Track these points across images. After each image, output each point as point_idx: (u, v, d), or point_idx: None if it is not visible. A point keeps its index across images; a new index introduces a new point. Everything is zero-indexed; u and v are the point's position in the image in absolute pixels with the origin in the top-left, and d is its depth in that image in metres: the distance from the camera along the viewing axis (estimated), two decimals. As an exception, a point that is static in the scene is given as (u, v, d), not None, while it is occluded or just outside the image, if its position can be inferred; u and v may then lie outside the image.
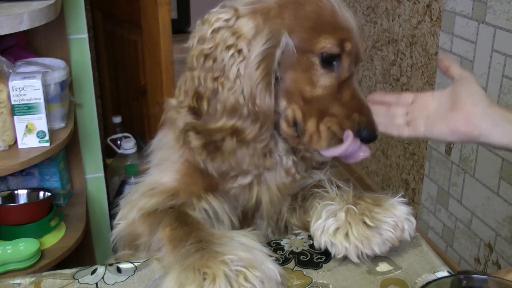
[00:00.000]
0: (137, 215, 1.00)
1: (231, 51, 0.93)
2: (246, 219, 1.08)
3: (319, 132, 0.95)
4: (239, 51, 0.93)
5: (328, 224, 0.90)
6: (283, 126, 0.98)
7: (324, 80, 0.96)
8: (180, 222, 0.92)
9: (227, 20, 0.95)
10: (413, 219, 0.92)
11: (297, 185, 1.07)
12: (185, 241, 0.85)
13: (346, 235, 0.89)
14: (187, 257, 0.81)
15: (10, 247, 1.76)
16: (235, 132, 0.95)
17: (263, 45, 0.93)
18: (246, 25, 0.94)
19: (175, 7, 6.63)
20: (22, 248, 1.76)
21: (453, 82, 1.05)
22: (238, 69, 0.93)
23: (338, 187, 0.98)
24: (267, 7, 0.95)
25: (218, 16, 0.96)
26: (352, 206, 0.91)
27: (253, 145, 0.96)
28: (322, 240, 0.90)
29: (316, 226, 0.91)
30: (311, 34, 0.94)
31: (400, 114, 1.08)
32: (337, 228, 0.89)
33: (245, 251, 0.82)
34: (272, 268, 0.81)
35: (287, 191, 1.06)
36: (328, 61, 0.96)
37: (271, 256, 0.84)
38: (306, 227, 1.03)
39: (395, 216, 0.90)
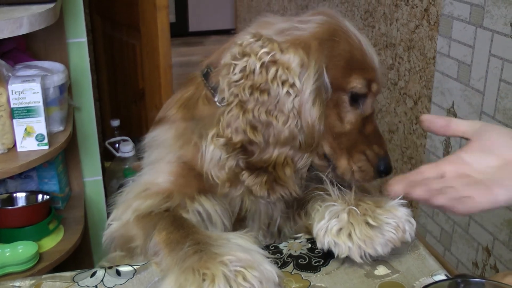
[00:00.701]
0: (132, 216, 1.00)
1: (286, 87, 0.96)
2: (237, 221, 1.08)
3: (353, 171, 1.02)
4: (292, 86, 0.96)
5: (331, 225, 0.91)
6: (315, 159, 1.03)
7: (351, 116, 1.02)
8: (176, 226, 0.92)
9: (273, 55, 0.96)
10: (413, 221, 0.93)
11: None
12: (182, 244, 0.86)
13: (349, 235, 0.89)
14: (185, 259, 0.82)
15: (8, 250, 1.76)
16: (287, 162, 0.99)
17: (315, 80, 0.97)
18: (294, 60, 0.96)
19: (173, 11, 6.64)
20: (21, 251, 1.76)
21: (471, 141, 0.94)
22: (293, 104, 0.96)
23: (339, 189, 0.99)
24: (307, 42, 0.98)
25: (263, 50, 0.96)
26: (354, 207, 0.92)
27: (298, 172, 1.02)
28: (325, 240, 0.91)
29: (319, 227, 0.92)
30: (344, 72, 0.99)
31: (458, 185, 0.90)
32: (340, 229, 0.90)
33: (243, 252, 0.82)
34: (269, 269, 0.81)
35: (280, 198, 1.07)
36: (355, 99, 1.01)
37: (268, 258, 0.84)
38: (300, 233, 1.04)
39: (396, 217, 0.91)
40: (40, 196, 1.95)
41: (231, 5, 6.55)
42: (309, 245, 0.97)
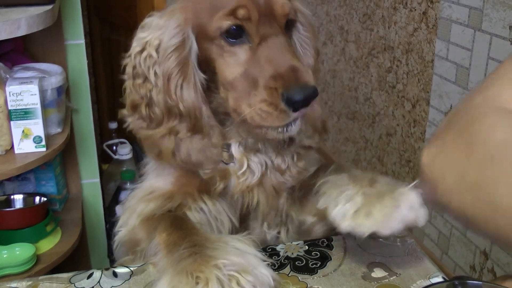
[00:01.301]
0: (137, 221, 1.00)
1: (143, 55, 0.96)
2: (244, 215, 1.08)
3: (261, 110, 0.91)
4: (150, 55, 0.95)
5: (347, 209, 0.88)
6: (234, 118, 0.97)
7: (238, 56, 0.94)
8: (176, 226, 0.92)
9: (142, 29, 0.99)
10: (425, 208, 0.89)
11: (295, 179, 1.08)
12: (180, 246, 0.86)
13: (367, 214, 0.86)
14: (180, 261, 0.82)
15: (6, 251, 1.76)
16: (172, 132, 0.97)
17: (170, 40, 0.94)
18: (155, 28, 0.96)
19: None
20: (18, 252, 1.76)
21: None
22: (155, 71, 0.95)
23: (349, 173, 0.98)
24: (172, 9, 0.98)
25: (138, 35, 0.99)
26: (368, 188, 0.89)
27: (196, 140, 0.97)
28: (344, 225, 0.87)
29: (335, 213, 0.89)
30: (208, 19, 0.94)
31: None
32: (357, 210, 0.87)
33: (239, 255, 0.82)
34: (265, 273, 0.81)
35: (283, 188, 1.07)
36: (233, 37, 0.94)
37: (265, 261, 0.84)
38: (308, 217, 1.04)
39: (410, 200, 0.88)
40: (37, 198, 1.94)
41: (229, 8, 6.56)
42: (306, 247, 0.97)
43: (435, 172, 0.88)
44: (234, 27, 0.93)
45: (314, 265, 0.92)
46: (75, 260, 2.05)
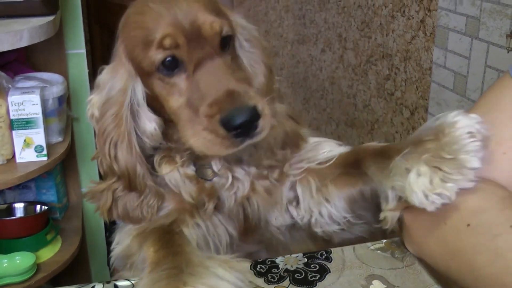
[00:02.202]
0: (130, 237, 1.01)
1: (89, 113, 1.01)
2: (245, 229, 1.08)
3: (204, 139, 0.90)
4: (92, 114, 0.99)
5: (421, 182, 0.85)
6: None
7: (178, 87, 0.93)
8: (163, 243, 0.92)
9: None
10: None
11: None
12: (161, 265, 0.86)
13: (442, 180, 0.83)
14: (156, 283, 0.82)
15: (6, 260, 1.77)
16: (110, 188, 1.00)
17: (108, 94, 0.98)
18: (101, 86, 1.00)
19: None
20: (18, 261, 1.77)
21: None
22: (95, 130, 0.99)
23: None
24: (115, 55, 0.99)
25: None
26: (426, 155, 0.86)
27: (132, 197, 1.00)
28: (428, 201, 0.84)
29: (416, 197, 0.85)
30: (143, 56, 0.93)
31: None
32: (432, 180, 0.84)
33: (213, 283, 0.82)
34: None
35: (276, 189, 1.07)
36: (170, 68, 0.92)
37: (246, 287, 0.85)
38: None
39: (462, 136, 0.85)
40: (38, 207, 1.96)
41: (228, 13, 6.58)
42: (305, 260, 0.98)
43: (419, 233, 0.90)
44: (167, 58, 0.91)
45: (313, 278, 0.93)
46: (75, 268, 2.06)
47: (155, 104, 0.97)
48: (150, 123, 0.98)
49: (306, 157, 1.09)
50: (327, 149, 1.10)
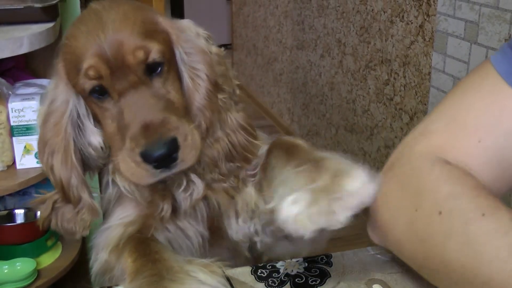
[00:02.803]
0: (106, 252, 0.99)
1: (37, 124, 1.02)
2: (213, 222, 1.07)
3: (126, 168, 0.91)
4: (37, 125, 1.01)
5: (290, 211, 0.84)
6: None
7: (109, 112, 0.94)
8: (140, 252, 0.91)
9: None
10: (375, 179, 0.86)
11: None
12: (141, 274, 0.85)
13: (308, 216, 0.83)
14: None
15: (7, 266, 1.77)
16: (49, 199, 1.02)
17: (49, 106, 0.98)
18: (47, 97, 1.00)
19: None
20: (19, 267, 1.77)
21: None
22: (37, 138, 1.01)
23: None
24: (55, 71, 0.98)
25: None
26: (311, 186, 0.85)
27: (68, 209, 1.01)
28: (289, 227, 0.84)
29: (280, 213, 0.85)
30: (76, 81, 0.93)
31: None
32: (299, 213, 0.84)
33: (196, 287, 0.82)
34: None
35: (234, 190, 1.05)
36: (99, 93, 0.93)
37: None
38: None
39: (355, 183, 0.85)
40: (38, 213, 1.95)
41: (227, 20, 6.59)
42: (306, 264, 0.98)
43: (385, 217, 0.89)
44: (95, 87, 0.92)
45: (313, 282, 0.93)
46: (75, 274, 2.06)
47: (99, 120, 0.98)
48: (94, 136, 0.98)
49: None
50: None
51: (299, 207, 0.84)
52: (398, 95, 2.84)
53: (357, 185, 0.84)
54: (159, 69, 0.93)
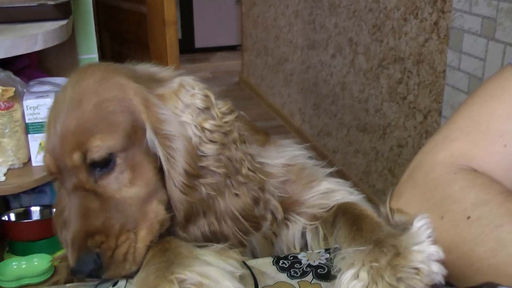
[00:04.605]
0: None
1: None
2: None
3: None
4: None
5: (351, 287, 0.81)
6: None
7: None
8: (154, 245, 0.90)
9: None
10: (440, 254, 0.82)
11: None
12: (151, 263, 0.85)
13: None
14: (145, 279, 0.81)
15: (24, 262, 1.79)
16: None
17: None
18: None
19: (179, 28, 6.69)
20: (36, 263, 1.79)
21: None
22: None
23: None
24: None
25: None
26: (374, 264, 0.82)
27: None
28: None
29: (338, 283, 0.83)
30: None
31: None
32: None
33: (203, 270, 0.80)
34: (229, 285, 0.78)
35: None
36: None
37: (236, 273, 0.82)
38: None
39: (417, 262, 0.81)
40: (54, 210, 1.96)
41: (237, 21, 6.61)
42: (328, 255, 0.97)
43: None
44: (54, 179, 0.93)
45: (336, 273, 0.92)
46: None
47: None
48: None
49: (317, 203, 1.06)
50: (339, 197, 1.06)
51: (362, 283, 0.81)
52: (412, 93, 2.82)
53: (423, 265, 0.80)
54: (110, 163, 0.87)
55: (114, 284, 0.89)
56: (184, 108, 0.92)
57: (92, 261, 0.84)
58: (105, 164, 0.87)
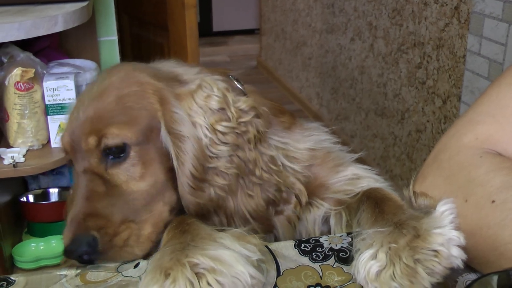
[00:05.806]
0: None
1: None
2: None
3: None
4: None
5: (369, 267, 0.82)
6: None
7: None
8: (174, 227, 0.89)
9: None
10: (461, 240, 0.80)
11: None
12: (168, 244, 0.84)
13: (392, 276, 0.80)
14: (161, 258, 0.80)
15: (42, 243, 1.81)
16: None
17: None
18: None
19: (197, 11, 6.67)
20: (54, 245, 1.81)
21: None
22: None
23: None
24: None
25: None
26: (392, 245, 0.82)
27: None
28: (368, 286, 0.81)
29: (358, 270, 0.83)
30: None
31: None
32: (380, 270, 0.81)
33: (217, 253, 0.79)
34: (242, 270, 0.78)
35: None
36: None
37: (251, 257, 0.82)
38: None
39: (436, 244, 0.80)
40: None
41: (255, 4, 6.57)
42: (350, 239, 0.97)
43: None
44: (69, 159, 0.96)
45: (358, 257, 0.92)
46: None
47: None
48: None
49: (343, 189, 1.06)
50: (365, 184, 1.06)
51: (380, 264, 0.81)
52: (431, 78, 2.80)
53: (442, 247, 0.79)
54: (123, 154, 0.90)
55: (136, 265, 0.90)
56: (198, 109, 0.93)
57: (86, 242, 0.86)
58: (118, 153, 0.90)
